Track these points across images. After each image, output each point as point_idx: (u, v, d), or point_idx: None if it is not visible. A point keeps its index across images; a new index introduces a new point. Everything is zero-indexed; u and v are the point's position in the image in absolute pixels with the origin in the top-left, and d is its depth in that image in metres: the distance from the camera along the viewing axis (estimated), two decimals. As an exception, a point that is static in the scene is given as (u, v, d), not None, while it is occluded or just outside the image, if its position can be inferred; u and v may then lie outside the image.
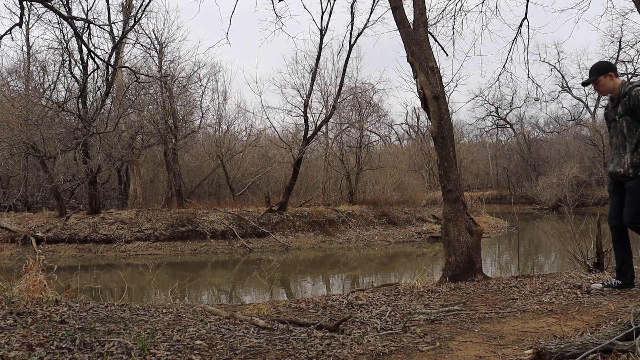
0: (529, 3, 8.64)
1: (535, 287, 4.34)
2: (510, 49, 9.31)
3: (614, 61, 34.06)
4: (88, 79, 15.71)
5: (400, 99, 66.17)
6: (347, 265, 14.00)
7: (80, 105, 14.79)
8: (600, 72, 4.15)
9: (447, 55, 12.56)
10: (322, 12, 17.08)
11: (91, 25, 14.84)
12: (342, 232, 17.01)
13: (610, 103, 4.18)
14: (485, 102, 38.32)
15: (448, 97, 17.93)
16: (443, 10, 8.97)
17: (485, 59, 38.64)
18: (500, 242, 17.51)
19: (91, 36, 15.67)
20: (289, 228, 16.56)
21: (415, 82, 5.60)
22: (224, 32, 40.11)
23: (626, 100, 4.00)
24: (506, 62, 9.71)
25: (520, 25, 8.98)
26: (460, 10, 9.79)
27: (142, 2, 13.98)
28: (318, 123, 18.15)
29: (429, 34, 5.77)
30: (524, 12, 8.81)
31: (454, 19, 9.02)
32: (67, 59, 16.41)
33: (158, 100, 18.27)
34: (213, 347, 2.75)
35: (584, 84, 4.34)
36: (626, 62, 34.06)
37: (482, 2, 9.25)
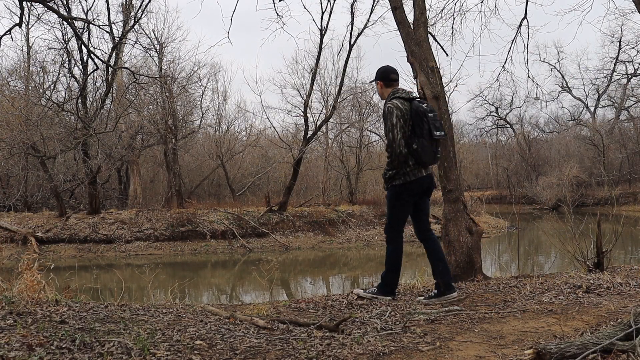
0: (529, 3, 8.61)
1: (535, 287, 4.34)
2: (510, 48, 9.28)
3: (614, 61, 34.11)
4: (88, 79, 15.69)
5: (400, 99, 65.99)
6: (347, 265, 14.00)
7: (80, 105, 14.77)
8: (375, 77, 4.20)
9: (447, 55, 12.56)
10: (322, 12, 17.08)
11: (91, 25, 14.87)
12: (342, 232, 17.01)
13: None
14: (485, 102, 38.30)
15: (448, 97, 17.89)
16: (442, 10, 8.93)
17: (484, 59, 38.56)
18: (500, 242, 17.51)
19: (91, 36, 15.75)
20: (289, 228, 16.55)
21: (415, 82, 5.59)
22: (224, 32, 39.97)
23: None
24: (506, 61, 9.67)
25: (520, 25, 8.95)
26: (459, 10, 9.79)
27: (142, 2, 13.99)
28: (318, 123, 18.15)
29: (429, 34, 5.76)
30: (524, 12, 8.77)
31: (453, 18, 8.97)
32: (67, 59, 16.42)
33: (158, 100, 18.26)
34: (213, 347, 2.75)
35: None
36: (626, 62, 34.11)
37: (482, 2, 9.23)
